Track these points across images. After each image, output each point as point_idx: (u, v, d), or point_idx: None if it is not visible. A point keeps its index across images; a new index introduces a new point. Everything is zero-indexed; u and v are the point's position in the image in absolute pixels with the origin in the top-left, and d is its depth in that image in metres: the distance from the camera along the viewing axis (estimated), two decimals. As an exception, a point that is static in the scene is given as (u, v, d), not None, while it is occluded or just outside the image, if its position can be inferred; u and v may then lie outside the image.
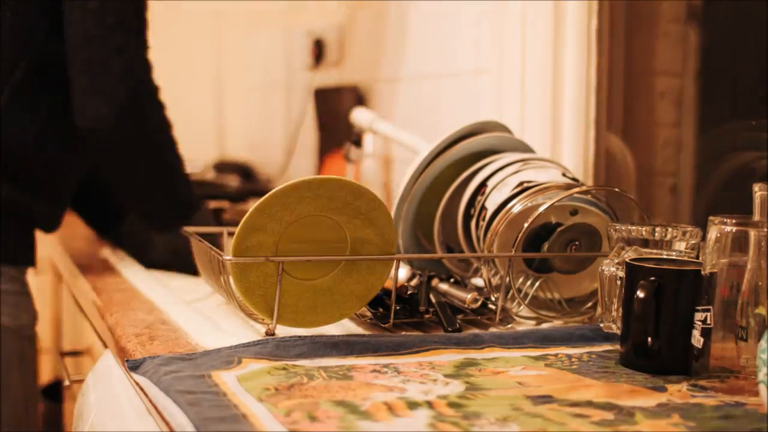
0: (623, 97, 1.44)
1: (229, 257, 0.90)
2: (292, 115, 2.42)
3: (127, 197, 1.38)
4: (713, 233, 0.84)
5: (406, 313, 1.01)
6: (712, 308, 0.82)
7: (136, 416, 0.82)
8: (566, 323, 1.05)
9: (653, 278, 0.83)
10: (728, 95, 1.29)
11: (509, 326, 1.02)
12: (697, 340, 0.82)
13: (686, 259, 0.89)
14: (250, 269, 0.91)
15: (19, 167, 1.31)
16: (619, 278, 0.89)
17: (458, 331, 0.97)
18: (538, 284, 1.09)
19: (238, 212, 1.70)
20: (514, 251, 1.02)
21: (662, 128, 1.40)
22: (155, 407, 0.74)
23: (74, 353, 1.62)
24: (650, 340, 0.83)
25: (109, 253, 1.55)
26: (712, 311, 0.82)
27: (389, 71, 1.94)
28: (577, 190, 1.05)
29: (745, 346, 0.80)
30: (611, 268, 0.90)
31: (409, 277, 1.06)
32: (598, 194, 1.10)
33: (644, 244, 0.91)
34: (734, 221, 0.83)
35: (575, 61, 1.39)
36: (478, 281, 1.18)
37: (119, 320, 1.02)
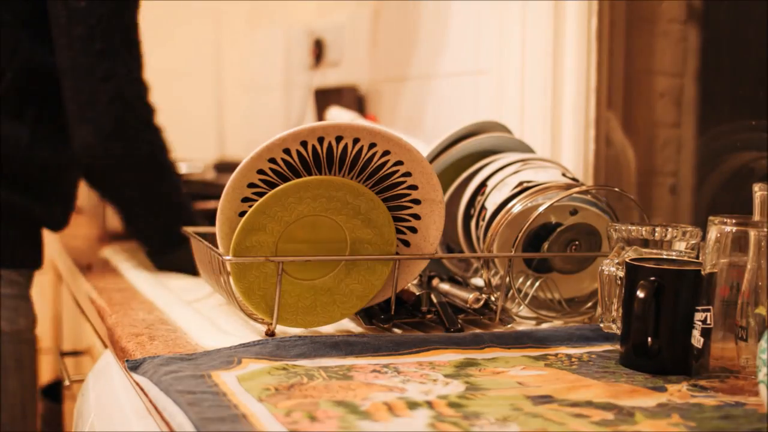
0: (623, 97, 1.44)
1: (229, 257, 0.90)
2: (291, 115, 2.42)
3: (122, 220, 1.37)
4: (713, 233, 0.84)
5: (407, 313, 1.01)
6: (712, 308, 0.82)
7: (136, 416, 0.82)
8: (566, 323, 1.05)
9: (653, 278, 0.83)
10: (728, 95, 1.29)
11: (509, 326, 1.02)
12: (697, 340, 0.82)
13: (686, 259, 0.89)
14: (249, 269, 0.91)
15: (16, 170, 1.31)
16: (619, 278, 0.89)
17: (460, 330, 0.97)
18: (538, 284, 1.09)
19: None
20: (514, 251, 1.02)
21: (662, 128, 1.40)
22: (155, 407, 0.74)
23: (74, 353, 1.62)
24: (650, 340, 0.83)
25: (109, 253, 1.55)
26: (712, 311, 0.82)
27: (389, 71, 1.94)
28: (576, 190, 1.05)
29: (745, 346, 0.80)
30: (611, 268, 0.90)
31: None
32: (598, 194, 1.10)
33: (644, 244, 0.91)
34: (734, 221, 0.83)
35: (575, 61, 1.39)
36: (478, 281, 1.18)
37: (119, 320, 1.02)
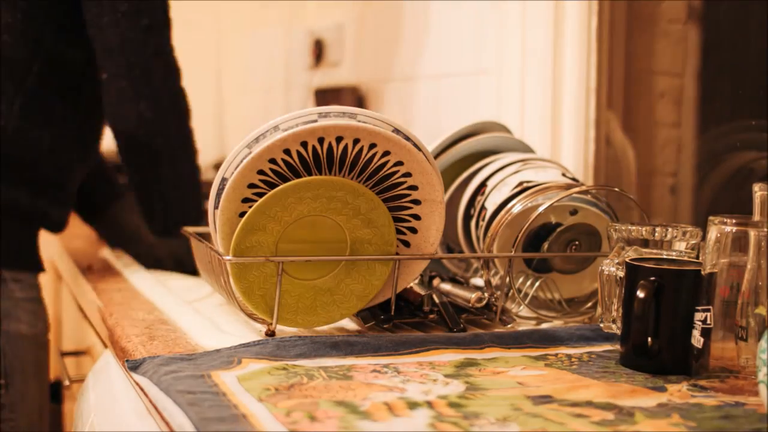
0: (623, 97, 1.44)
1: (229, 257, 0.90)
2: (292, 115, 2.41)
3: (145, 199, 1.35)
4: (713, 233, 0.84)
5: (407, 313, 1.01)
6: (712, 308, 0.82)
7: (136, 416, 0.82)
8: (566, 323, 1.05)
9: (653, 278, 0.83)
10: (728, 95, 1.29)
11: (509, 326, 1.02)
12: (697, 340, 0.82)
13: (686, 259, 0.89)
14: (250, 269, 0.91)
15: (34, 173, 1.30)
16: (619, 278, 0.89)
17: (463, 330, 0.97)
18: (538, 284, 1.09)
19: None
20: (514, 251, 1.02)
21: (662, 128, 1.40)
22: (155, 407, 0.74)
23: (74, 353, 1.62)
24: (650, 340, 0.83)
25: (109, 253, 1.55)
26: (712, 311, 0.82)
27: (390, 71, 1.94)
28: (576, 190, 1.05)
29: (745, 346, 0.80)
30: (611, 268, 0.90)
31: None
32: (598, 194, 1.10)
33: (644, 244, 0.91)
34: (734, 221, 0.83)
35: (575, 61, 1.39)
36: (478, 281, 1.18)
37: (119, 320, 1.02)
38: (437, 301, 1.02)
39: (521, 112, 1.45)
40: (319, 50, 2.26)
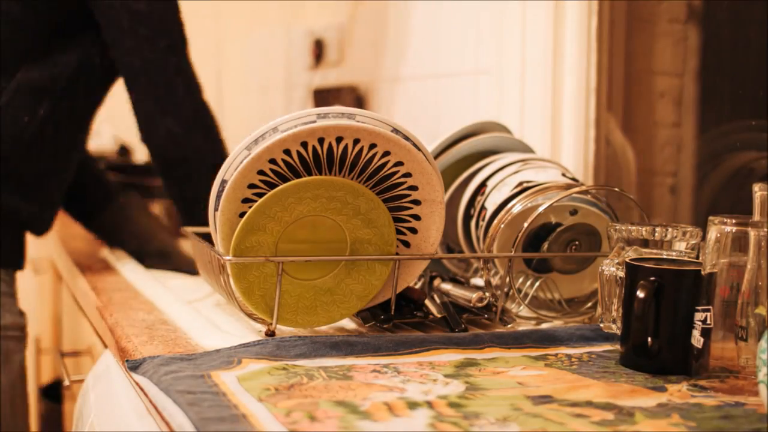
0: (623, 97, 1.44)
1: (229, 257, 0.90)
2: (292, 115, 2.42)
3: (185, 210, 1.37)
4: (713, 233, 0.84)
5: (408, 313, 1.01)
6: (712, 308, 0.82)
7: (136, 416, 0.82)
8: (566, 323, 1.05)
9: (653, 278, 0.83)
10: (728, 95, 1.29)
11: (509, 326, 1.02)
12: (697, 340, 0.82)
13: (686, 259, 0.89)
14: (249, 269, 0.91)
15: (11, 169, 1.31)
16: (619, 278, 0.89)
17: (464, 331, 0.97)
18: (538, 284, 1.09)
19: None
20: (514, 251, 1.02)
21: (662, 128, 1.40)
22: (155, 407, 0.74)
23: (74, 353, 1.62)
24: (650, 340, 0.83)
25: (109, 253, 1.55)
26: (712, 311, 0.82)
27: (389, 71, 1.94)
28: (576, 190, 1.05)
29: (745, 346, 0.80)
30: (611, 268, 0.90)
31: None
32: (598, 194, 1.10)
33: (644, 244, 0.91)
34: (734, 221, 0.83)
35: (575, 61, 1.39)
36: (478, 281, 1.18)
37: (119, 320, 1.02)
38: (438, 301, 1.02)
39: (521, 112, 1.45)
40: (319, 50, 2.26)
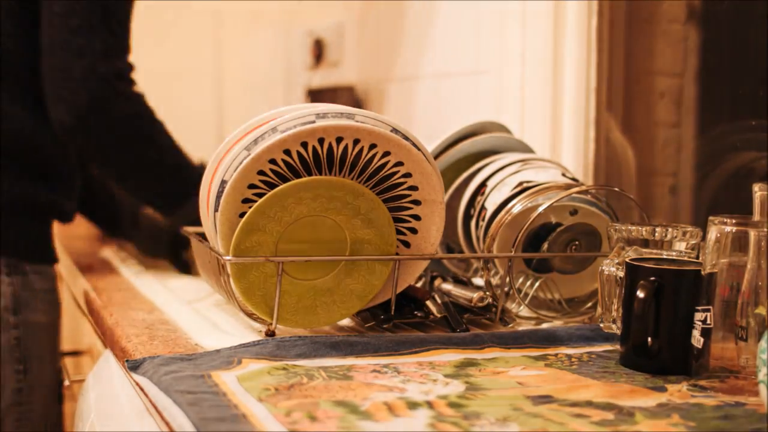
0: (623, 97, 1.44)
1: (229, 257, 0.90)
2: (292, 115, 2.41)
3: (125, 190, 1.38)
4: (713, 233, 0.84)
5: (408, 313, 1.01)
6: (712, 308, 0.82)
7: (136, 416, 0.82)
8: (566, 323, 1.05)
9: (653, 278, 0.83)
10: (728, 95, 1.29)
11: (509, 326, 1.02)
12: (697, 340, 0.82)
13: (686, 259, 0.89)
14: (249, 269, 0.91)
15: (31, 162, 1.31)
16: (619, 278, 0.89)
17: (466, 331, 0.97)
18: (538, 284, 1.09)
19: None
20: (514, 251, 1.02)
21: (662, 128, 1.40)
22: (155, 407, 0.74)
23: (74, 353, 1.62)
24: (650, 340, 0.83)
25: (109, 253, 1.55)
26: (712, 311, 0.82)
27: (389, 71, 1.94)
28: (576, 189, 1.05)
29: (745, 346, 0.80)
30: (611, 268, 0.90)
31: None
32: (598, 194, 1.10)
33: (644, 244, 0.91)
34: (734, 221, 0.83)
35: (575, 61, 1.39)
36: (477, 281, 1.18)
37: (119, 320, 1.02)
38: (439, 301, 1.02)
39: (521, 112, 1.45)
40: (319, 50, 2.26)
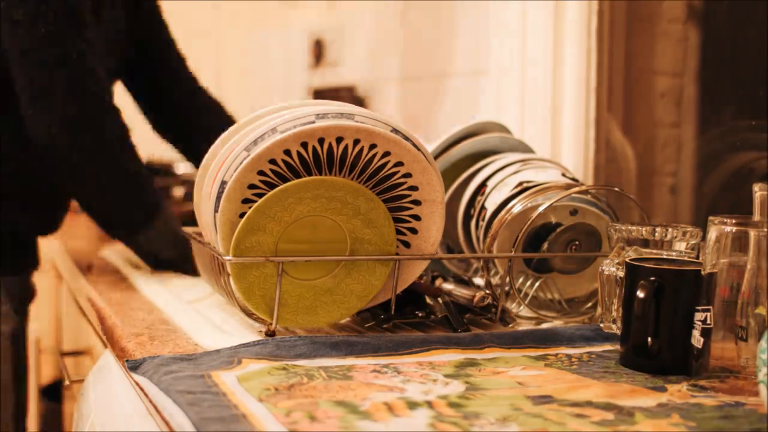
0: (623, 97, 1.44)
1: (229, 257, 0.90)
2: (292, 115, 2.41)
3: (84, 205, 1.29)
4: (713, 233, 0.84)
5: (409, 312, 1.01)
6: (712, 308, 0.82)
7: (136, 416, 0.82)
8: (566, 323, 1.05)
9: (653, 278, 0.83)
10: (728, 95, 1.29)
11: (509, 326, 1.02)
12: (697, 340, 0.82)
13: (686, 259, 0.89)
14: (250, 269, 0.91)
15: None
16: (619, 278, 0.89)
17: (467, 331, 0.97)
18: (538, 284, 1.09)
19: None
20: (514, 251, 1.02)
21: (662, 128, 1.40)
22: (155, 407, 0.74)
23: (74, 353, 1.62)
24: (650, 340, 0.83)
25: (109, 253, 1.55)
26: (712, 311, 0.82)
27: (389, 71, 1.94)
28: (576, 189, 1.05)
29: (745, 346, 0.80)
30: (611, 268, 0.90)
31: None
32: (598, 194, 1.10)
33: (644, 244, 0.91)
34: (734, 221, 0.83)
35: (575, 61, 1.39)
36: (478, 281, 1.18)
37: (119, 320, 1.02)
38: (441, 301, 1.02)
39: (521, 112, 1.45)
40: (319, 50, 2.26)
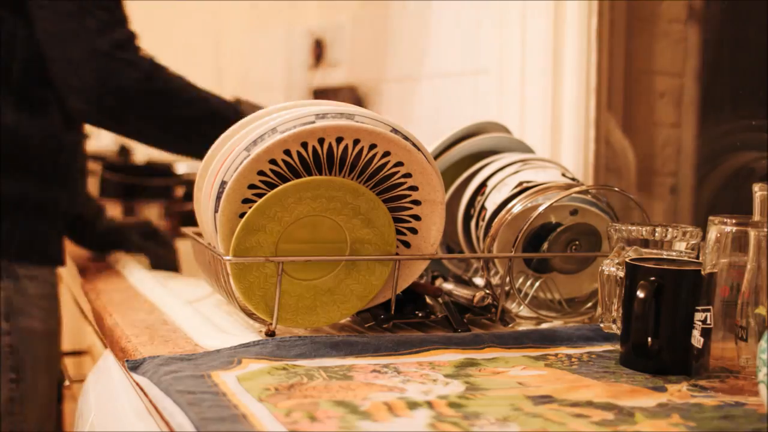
0: (623, 97, 1.44)
1: (229, 257, 0.90)
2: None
3: (181, 154, 1.34)
4: (713, 233, 0.84)
5: (410, 312, 1.01)
6: (712, 308, 0.82)
7: (136, 416, 0.82)
8: (566, 323, 1.05)
9: (653, 278, 0.83)
10: (728, 95, 1.29)
11: (509, 326, 1.02)
12: (697, 340, 0.82)
13: (686, 259, 0.89)
14: (250, 269, 0.91)
15: (38, 163, 1.28)
16: (619, 278, 0.89)
17: (467, 331, 0.97)
18: (538, 284, 1.09)
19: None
20: (514, 251, 1.02)
21: (662, 128, 1.40)
22: (155, 407, 0.74)
23: (74, 353, 1.62)
24: (650, 340, 0.83)
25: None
26: (712, 311, 0.82)
27: (389, 71, 1.94)
28: (576, 189, 1.05)
29: (745, 346, 0.80)
30: (611, 268, 0.90)
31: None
32: (598, 194, 1.10)
33: (644, 244, 0.91)
34: (734, 221, 0.83)
35: (575, 61, 1.39)
36: (478, 281, 1.18)
37: (119, 320, 1.02)
38: (441, 301, 1.02)
39: (521, 112, 1.45)
40: (319, 50, 2.26)
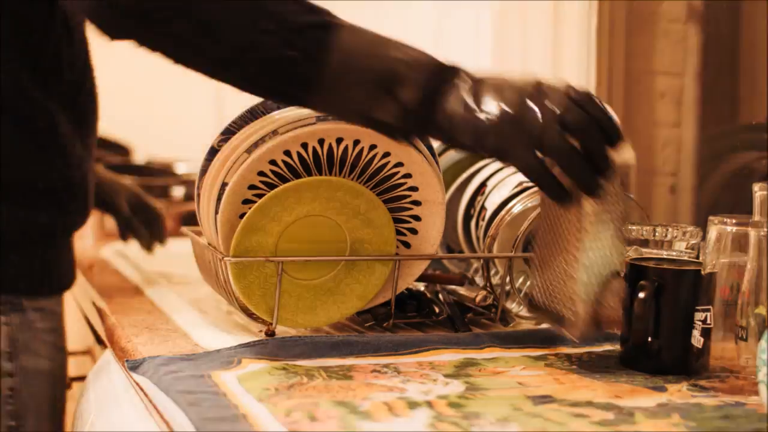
0: (623, 97, 1.44)
1: (229, 257, 0.90)
2: (292, 115, 2.41)
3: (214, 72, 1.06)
4: (713, 233, 0.84)
5: (412, 311, 1.01)
6: (712, 308, 0.82)
7: (136, 416, 0.82)
8: (566, 323, 1.05)
9: (653, 278, 0.83)
10: (728, 95, 1.29)
11: (509, 326, 1.02)
12: (697, 340, 0.82)
13: (686, 259, 0.89)
14: (250, 269, 0.91)
15: (28, 187, 1.11)
16: (619, 278, 0.89)
17: (468, 331, 0.97)
18: (538, 284, 1.09)
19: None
20: (514, 251, 1.02)
21: (662, 128, 1.40)
22: (155, 407, 0.74)
23: (74, 353, 1.62)
24: (650, 340, 0.83)
25: (109, 253, 1.55)
26: (712, 311, 0.82)
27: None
28: (577, 190, 1.05)
29: (745, 346, 0.80)
30: (611, 268, 0.90)
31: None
32: (598, 194, 1.10)
33: (644, 244, 0.91)
34: (734, 221, 0.83)
35: (575, 61, 1.39)
36: (478, 281, 1.18)
37: (119, 320, 1.02)
38: (444, 301, 1.02)
39: (521, 112, 1.44)
40: (319, 50, 2.26)
